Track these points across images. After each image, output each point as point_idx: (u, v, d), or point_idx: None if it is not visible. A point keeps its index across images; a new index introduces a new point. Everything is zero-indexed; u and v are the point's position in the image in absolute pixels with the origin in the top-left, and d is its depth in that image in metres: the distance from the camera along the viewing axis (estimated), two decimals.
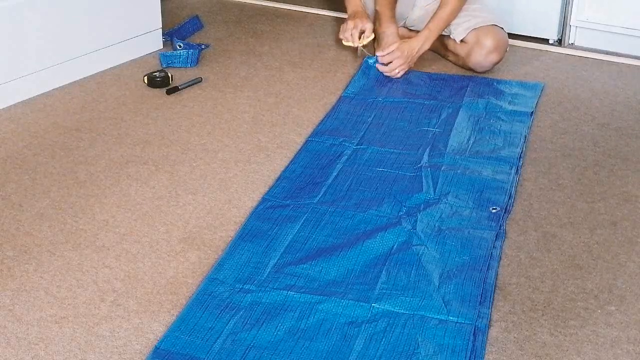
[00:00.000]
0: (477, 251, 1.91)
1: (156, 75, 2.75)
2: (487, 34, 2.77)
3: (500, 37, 2.79)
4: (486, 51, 2.77)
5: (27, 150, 2.34)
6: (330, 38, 3.18)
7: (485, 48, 2.77)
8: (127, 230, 1.99)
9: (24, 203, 2.09)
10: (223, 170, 2.27)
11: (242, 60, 3.01)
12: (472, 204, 2.10)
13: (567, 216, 2.09)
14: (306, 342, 1.63)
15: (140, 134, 2.45)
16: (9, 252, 1.90)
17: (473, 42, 2.79)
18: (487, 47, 2.77)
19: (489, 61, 2.79)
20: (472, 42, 2.79)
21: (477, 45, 2.78)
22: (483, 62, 2.79)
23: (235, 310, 1.70)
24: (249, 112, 2.61)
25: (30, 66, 2.64)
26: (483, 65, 2.80)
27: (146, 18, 3.00)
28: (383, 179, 2.20)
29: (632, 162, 2.35)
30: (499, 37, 2.79)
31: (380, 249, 1.90)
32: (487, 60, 2.79)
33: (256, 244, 1.92)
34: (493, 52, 2.78)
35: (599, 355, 1.63)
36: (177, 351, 1.59)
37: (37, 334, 1.65)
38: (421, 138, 2.43)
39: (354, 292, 1.76)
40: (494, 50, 2.77)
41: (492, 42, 2.77)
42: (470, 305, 1.73)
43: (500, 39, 2.79)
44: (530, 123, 2.53)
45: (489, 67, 2.81)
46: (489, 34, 2.78)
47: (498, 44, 2.78)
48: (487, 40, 2.77)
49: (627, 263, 1.91)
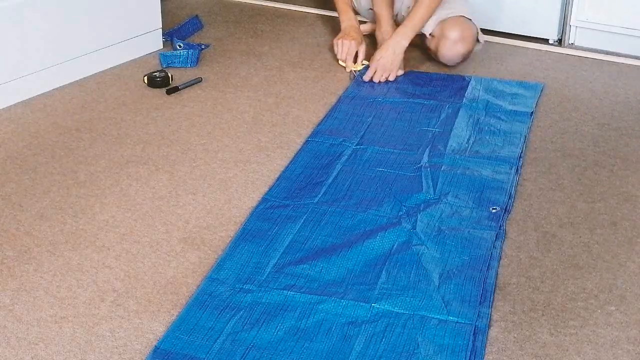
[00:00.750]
0: (477, 251, 1.91)
1: (156, 75, 2.75)
2: (452, 25, 2.75)
3: (465, 27, 2.75)
4: (451, 42, 2.74)
5: (27, 150, 2.34)
6: (330, 38, 3.18)
7: (449, 39, 2.74)
8: (127, 230, 1.99)
9: (24, 203, 2.09)
10: (223, 170, 2.27)
11: (242, 60, 3.01)
12: (472, 203, 2.10)
13: (567, 216, 2.09)
14: (306, 342, 1.63)
15: (140, 134, 2.45)
16: (9, 252, 1.90)
17: (439, 34, 2.77)
18: (451, 39, 2.73)
19: (455, 52, 2.76)
20: (439, 34, 2.77)
21: (442, 37, 2.76)
22: (449, 53, 2.76)
23: (235, 310, 1.70)
24: (249, 112, 2.61)
25: (30, 66, 2.64)
26: (450, 58, 2.78)
27: (146, 18, 3.00)
28: (383, 179, 2.20)
29: (632, 162, 2.35)
30: (464, 27, 2.75)
31: (380, 249, 1.90)
32: (453, 52, 2.76)
33: (256, 244, 1.92)
34: (458, 43, 2.74)
35: (599, 355, 1.63)
36: (177, 351, 1.59)
37: (37, 334, 1.65)
38: (421, 138, 2.43)
39: (354, 292, 1.76)
40: (458, 41, 2.74)
41: (457, 33, 2.73)
42: (470, 305, 1.73)
43: (465, 29, 2.75)
44: (530, 123, 2.54)
45: (457, 59, 2.78)
46: (454, 25, 2.75)
47: (463, 35, 2.74)
48: (452, 32, 2.74)
49: (627, 263, 1.91)
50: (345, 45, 2.82)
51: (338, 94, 2.72)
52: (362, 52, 2.85)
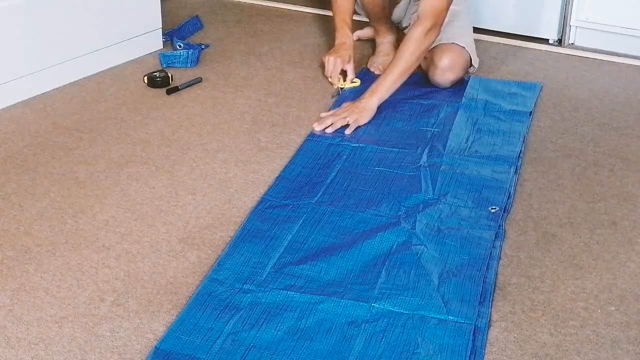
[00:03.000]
0: (476, 251, 1.91)
1: (156, 75, 2.75)
2: (443, 53, 2.66)
3: (457, 56, 2.67)
4: (440, 70, 2.67)
5: (27, 150, 2.34)
6: (330, 38, 3.18)
7: (439, 67, 2.67)
8: (127, 230, 1.99)
9: (24, 203, 2.09)
10: (223, 170, 2.27)
11: (242, 60, 3.01)
12: (471, 203, 2.10)
13: (567, 216, 2.09)
14: (306, 342, 1.63)
15: (140, 134, 2.45)
16: (9, 252, 1.90)
17: (429, 59, 2.70)
18: (441, 67, 2.66)
19: (445, 80, 2.69)
20: (429, 59, 2.70)
21: (432, 64, 2.69)
22: (439, 80, 2.70)
23: (235, 310, 1.70)
24: (249, 112, 2.61)
25: (31, 66, 2.64)
26: (440, 84, 2.71)
27: (146, 18, 3.00)
28: (382, 178, 2.20)
29: (632, 162, 2.35)
30: (456, 56, 2.67)
31: (380, 248, 1.90)
32: (443, 79, 2.69)
33: (256, 244, 1.92)
34: (447, 72, 2.67)
35: (599, 355, 1.63)
36: (177, 351, 1.59)
37: (37, 334, 1.65)
38: (420, 138, 2.43)
39: (353, 292, 1.76)
40: (448, 70, 2.66)
41: (447, 61, 2.66)
42: (470, 305, 1.73)
43: (456, 58, 2.67)
44: (529, 123, 2.54)
45: (447, 85, 2.71)
46: (445, 52, 2.66)
47: (452, 64, 2.66)
48: (442, 60, 2.66)
49: (627, 263, 1.91)
50: (330, 62, 2.73)
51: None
52: (350, 70, 2.74)
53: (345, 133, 2.43)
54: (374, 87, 2.54)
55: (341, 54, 2.73)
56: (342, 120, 2.47)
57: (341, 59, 2.72)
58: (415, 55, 2.54)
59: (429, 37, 2.55)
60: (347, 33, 2.78)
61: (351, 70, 2.74)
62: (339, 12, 2.79)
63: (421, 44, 2.54)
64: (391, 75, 2.54)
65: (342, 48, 2.75)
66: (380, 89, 2.53)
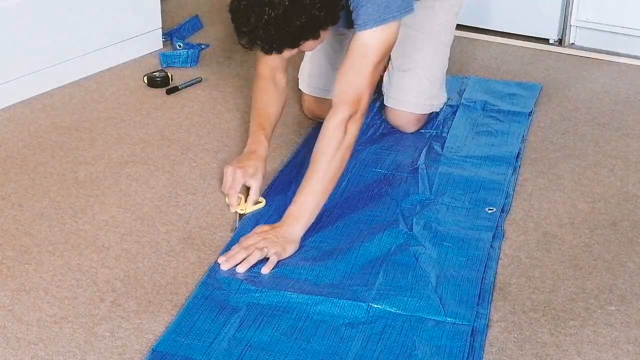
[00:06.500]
0: (474, 252, 1.91)
1: (156, 75, 2.75)
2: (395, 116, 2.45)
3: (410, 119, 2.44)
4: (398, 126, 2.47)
5: (27, 150, 2.34)
6: None
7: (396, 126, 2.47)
8: (127, 230, 1.99)
9: (24, 203, 2.09)
10: (223, 170, 2.26)
11: (242, 60, 3.00)
12: (468, 204, 2.10)
13: (567, 216, 2.09)
14: (303, 343, 1.62)
15: (140, 134, 2.45)
16: (9, 252, 1.90)
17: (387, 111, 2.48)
18: (397, 126, 2.47)
19: (407, 130, 2.47)
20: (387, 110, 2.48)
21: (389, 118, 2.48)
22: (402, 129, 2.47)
23: (232, 311, 1.70)
24: (249, 112, 2.60)
25: (30, 66, 2.64)
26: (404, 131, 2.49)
27: (146, 18, 3.00)
28: (379, 179, 2.20)
29: (632, 162, 2.35)
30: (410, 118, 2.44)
31: (377, 250, 1.90)
32: (405, 130, 2.47)
33: None
34: (405, 128, 2.46)
35: (599, 355, 1.63)
36: (174, 353, 1.59)
37: (37, 334, 1.65)
38: (418, 138, 2.43)
39: (351, 293, 1.76)
40: (404, 127, 2.46)
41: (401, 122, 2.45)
42: (467, 306, 1.73)
43: (410, 120, 2.43)
44: (528, 124, 2.53)
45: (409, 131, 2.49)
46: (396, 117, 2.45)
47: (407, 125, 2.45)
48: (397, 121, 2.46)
49: (627, 263, 1.91)
50: (229, 175, 2.09)
51: None
52: (255, 187, 2.07)
53: (262, 271, 1.82)
54: (296, 210, 1.92)
55: (245, 165, 2.10)
56: (259, 252, 1.84)
57: (243, 172, 2.08)
58: (337, 160, 1.94)
59: (351, 128, 1.96)
60: (260, 140, 2.16)
61: (256, 187, 2.07)
62: (257, 114, 2.22)
63: (340, 143, 1.94)
64: (312, 196, 1.92)
65: (249, 158, 2.12)
66: (304, 214, 1.91)
